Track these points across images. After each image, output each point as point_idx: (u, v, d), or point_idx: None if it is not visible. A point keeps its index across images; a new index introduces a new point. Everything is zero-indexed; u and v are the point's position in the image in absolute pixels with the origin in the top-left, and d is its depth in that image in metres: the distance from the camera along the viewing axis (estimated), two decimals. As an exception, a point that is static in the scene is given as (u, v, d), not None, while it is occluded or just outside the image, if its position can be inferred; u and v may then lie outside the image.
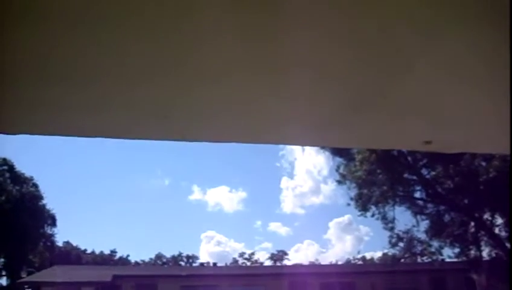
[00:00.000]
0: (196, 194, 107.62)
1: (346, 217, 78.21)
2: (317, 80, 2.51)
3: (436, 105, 2.82)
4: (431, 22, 2.15)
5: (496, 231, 32.02)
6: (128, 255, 66.65)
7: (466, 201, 31.90)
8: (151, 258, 68.74)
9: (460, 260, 33.64)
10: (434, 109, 2.86)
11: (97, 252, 64.21)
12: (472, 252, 32.58)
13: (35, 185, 43.99)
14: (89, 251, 63.45)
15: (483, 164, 27.80)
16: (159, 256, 70.39)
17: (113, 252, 65.66)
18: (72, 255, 57.56)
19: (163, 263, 69.16)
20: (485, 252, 32.84)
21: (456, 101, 2.80)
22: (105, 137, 3.05)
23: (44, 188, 47.11)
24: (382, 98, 2.68)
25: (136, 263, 64.07)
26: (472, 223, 32.62)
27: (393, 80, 2.53)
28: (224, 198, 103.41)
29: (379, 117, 2.89)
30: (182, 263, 70.76)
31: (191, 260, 72.08)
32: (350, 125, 3.01)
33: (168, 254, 72.47)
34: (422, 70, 2.49)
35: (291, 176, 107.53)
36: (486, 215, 32.19)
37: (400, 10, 2.08)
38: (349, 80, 2.52)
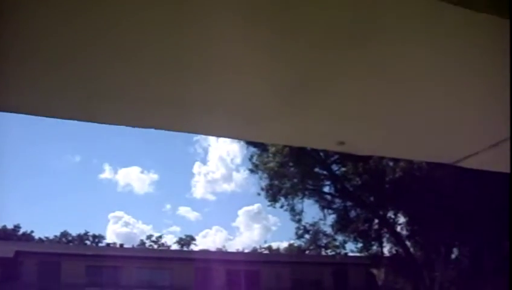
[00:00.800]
0: (107, 173, 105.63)
1: (256, 206, 78.81)
2: (239, 77, 2.63)
3: (351, 109, 3.00)
4: (363, 28, 2.29)
5: (398, 229, 33.30)
6: (32, 231, 64.82)
7: (372, 198, 32.95)
8: (56, 236, 67.19)
9: (362, 254, 34.74)
10: (349, 112, 3.05)
11: (-1, 226, 62.35)
12: (374, 248, 33.73)
13: None
14: (-9, 225, 61.52)
15: (391, 164, 28.79)
16: (64, 234, 68.88)
17: (17, 227, 63.80)
18: (-28, 229, 55.73)
19: (69, 241, 67.75)
20: (386, 249, 34.10)
21: (370, 107, 2.99)
22: (66, 119, 3.13)
23: None
24: (302, 100, 2.84)
25: (40, 240, 62.49)
26: (376, 220, 33.74)
27: (314, 85, 2.69)
28: (136, 179, 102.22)
29: (297, 118, 3.06)
30: (88, 242, 69.57)
31: (97, 240, 70.93)
32: (269, 123, 3.16)
33: (74, 232, 70.97)
34: (344, 77, 2.65)
35: (204, 161, 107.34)
36: (390, 214, 33.41)
37: (325, 24, 2.23)
38: (274, 81, 2.67)
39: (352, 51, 2.40)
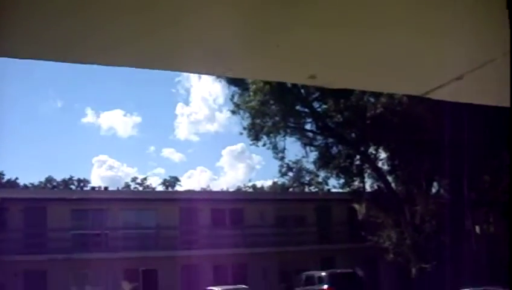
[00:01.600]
0: (89, 117, 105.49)
1: (240, 146, 79.37)
2: (210, 18, 2.67)
3: (321, 46, 3.06)
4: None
5: (379, 164, 33.74)
6: (16, 178, 64.86)
7: (353, 135, 33.23)
8: (40, 182, 67.33)
9: (344, 190, 35.27)
10: (319, 49, 3.11)
11: (-17, 174, 62.22)
12: (356, 183, 34.22)
13: None
14: (-26, 173, 61.40)
15: (372, 100, 28.95)
16: (49, 179, 69.07)
17: (1, 174, 63.77)
18: (-45, 176, 55.59)
19: (54, 187, 67.98)
20: (368, 184, 34.64)
21: (338, 43, 3.05)
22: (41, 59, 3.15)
23: None
24: (273, 39, 2.89)
25: (25, 186, 62.60)
26: (357, 156, 34.13)
27: (284, 26, 2.74)
28: (119, 122, 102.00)
29: (269, 54, 3.11)
30: (73, 187, 69.85)
31: (82, 184, 71.24)
32: (239, 59, 3.21)
33: (59, 177, 71.16)
34: (315, 16, 2.69)
35: (186, 102, 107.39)
36: (371, 150, 33.78)
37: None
38: (245, 20, 2.71)
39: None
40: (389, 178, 33.06)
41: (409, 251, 29.63)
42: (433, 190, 32.53)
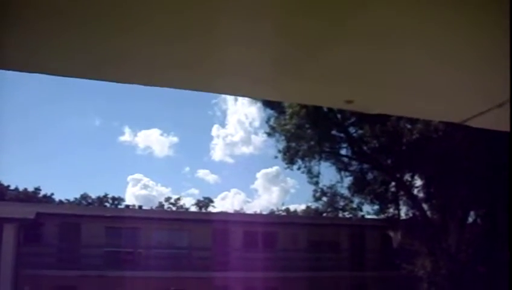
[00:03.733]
0: (127, 136, 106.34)
1: (275, 169, 79.09)
2: (250, 40, 2.69)
3: (358, 69, 3.05)
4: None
5: (415, 192, 33.32)
6: (52, 194, 65.59)
7: (389, 161, 32.93)
8: (76, 198, 68.05)
9: (379, 217, 34.88)
10: (356, 72, 3.09)
11: (21, 189, 63.09)
12: (390, 210, 33.84)
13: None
14: (12, 188, 62.26)
15: (408, 126, 28.69)
16: (84, 196, 69.72)
17: (37, 189, 64.50)
18: (-6, 191, 56.46)
19: (88, 204, 68.61)
20: (403, 212, 34.21)
21: (376, 67, 3.03)
22: (78, 77, 3.21)
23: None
24: (309, 61, 2.89)
25: (61, 202, 63.35)
26: (393, 183, 33.77)
27: (319, 47, 2.74)
28: (155, 141, 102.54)
29: (305, 77, 3.11)
30: (107, 205, 70.39)
31: (116, 202, 71.73)
32: (277, 82, 3.22)
33: (94, 194, 71.78)
34: (350, 38, 2.69)
35: (222, 124, 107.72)
36: (407, 176, 33.40)
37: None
38: (280, 43, 2.72)
39: (356, 10, 2.43)
40: (425, 206, 32.59)
41: (444, 280, 29.09)
42: (470, 219, 31.98)
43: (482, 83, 3.03)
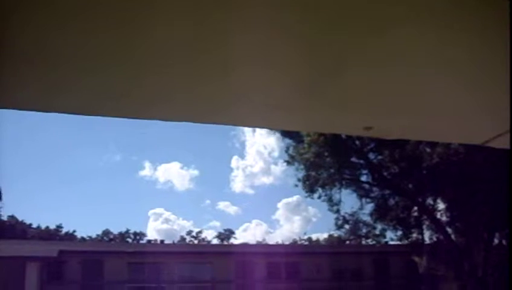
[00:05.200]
0: (147, 170, 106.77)
1: (295, 198, 78.71)
2: (267, 67, 2.69)
3: (377, 95, 3.04)
4: (376, 19, 2.34)
5: (438, 215, 32.96)
6: (74, 231, 65.85)
7: (410, 186, 32.67)
8: (97, 235, 68.15)
9: (402, 242, 34.51)
10: (375, 98, 3.08)
11: (43, 227, 63.36)
12: (414, 235, 33.48)
13: (-20, 158, 43.14)
14: (34, 226, 62.59)
15: (428, 150, 28.51)
16: (106, 232, 69.90)
17: (59, 227, 64.82)
18: (17, 230, 56.62)
19: (110, 240, 68.70)
20: (426, 236, 33.81)
21: (395, 92, 3.02)
22: (70, 113, 3.23)
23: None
24: (327, 86, 2.88)
25: (83, 239, 63.48)
26: (415, 208, 33.46)
27: (338, 72, 2.73)
28: (176, 175, 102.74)
29: (323, 104, 3.10)
30: (129, 240, 70.44)
31: (138, 237, 71.79)
32: (296, 111, 3.22)
33: (115, 230, 71.93)
34: (366, 64, 2.69)
35: (242, 156, 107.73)
36: (429, 200, 33.08)
37: (346, 12, 2.28)
38: (298, 69, 2.72)
39: (373, 35, 2.43)
40: (449, 229, 32.20)
41: (472, 305, 28.64)
42: (495, 241, 31.51)
43: (502, 105, 3.00)
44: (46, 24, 2.25)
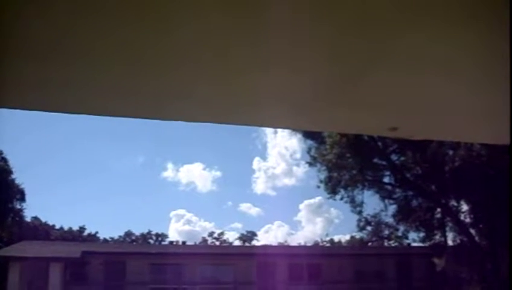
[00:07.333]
0: (170, 172, 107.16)
1: (317, 199, 78.46)
2: (292, 69, 2.67)
3: (401, 95, 3.00)
4: (396, 22, 2.32)
5: (461, 217, 32.65)
6: (97, 232, 66.29)
7: (433, 187, 32.41)
8: (120, 236, 68.60)
9: (425, 244, 34.24)
10: (400, 98, 3.05)
11: (66, 228, 63.81)
12: (437, 237, 33.21)
13: (4, 160, 43.54)
14: (57, 227, 63.07)
15: (450, 152, 28.28)
16: (128, 233, 70.34)
17: (82, 228, 65.30)
18: (40, 231, 57.11)
19: (132, 241, 69.08)
20: (449, 238, 33.52)
21: (420, 92, 2.98)
22: (86, 114, 3.23)
23: (13, 163, 46.42)
24: (351, 88, 2.85)
25: (105, 240, 63.87)
26: (438, 209, 33.19)
27: (362, 72, 2.71)
28: (198, 176, 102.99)
29: (348, 105, 3.07)
30: (151, 241, 70.73)
31: (160, 238, 72.04)
32: (320, 111, 3.19)
33: (138, 231, 72.32)
34: (389, 65, 2.66)
35: (263, 157, 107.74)
36: (452, 202, 32.78)
37: (367, 15, 2.25)
38: (321, 70, 2.69)
39: (396, 35, 2.41)
40: (472, 231, 31.88)
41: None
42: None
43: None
44: (55, 23, 2.24)
